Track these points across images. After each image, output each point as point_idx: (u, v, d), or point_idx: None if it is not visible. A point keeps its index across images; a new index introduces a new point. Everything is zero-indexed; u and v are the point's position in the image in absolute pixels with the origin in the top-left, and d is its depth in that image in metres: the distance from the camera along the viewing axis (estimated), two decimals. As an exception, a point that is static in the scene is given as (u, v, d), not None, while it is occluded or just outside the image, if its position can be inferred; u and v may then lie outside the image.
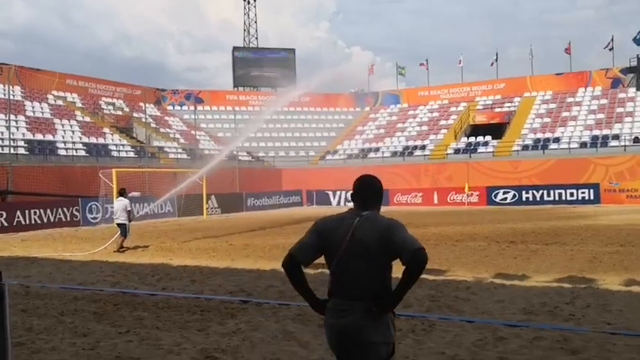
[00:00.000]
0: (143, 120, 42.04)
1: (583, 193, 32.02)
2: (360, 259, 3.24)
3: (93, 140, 35.66)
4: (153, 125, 43.33)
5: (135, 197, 26.06)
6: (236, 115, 47.27)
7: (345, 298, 3.27)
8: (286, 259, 3.40)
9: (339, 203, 38.31)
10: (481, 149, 39.68)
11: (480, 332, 6.68)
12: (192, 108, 46.21)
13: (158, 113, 47.42)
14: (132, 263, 13.49)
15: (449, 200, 34.99)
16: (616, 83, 44.25)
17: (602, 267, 11.13)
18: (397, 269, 3.36)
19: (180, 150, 40.02)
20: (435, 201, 35.24)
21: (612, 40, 45.89)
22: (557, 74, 47.13)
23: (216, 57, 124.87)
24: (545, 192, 32.84)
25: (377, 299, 3.23)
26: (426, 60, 52.86)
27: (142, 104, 44.10)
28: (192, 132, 42.97)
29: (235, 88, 55.36)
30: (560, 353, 5.81)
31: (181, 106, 50.79)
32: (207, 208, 31.02)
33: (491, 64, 50.39)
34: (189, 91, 52.43)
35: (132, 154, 35.87)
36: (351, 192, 3.54)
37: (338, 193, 38.65)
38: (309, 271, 3.61)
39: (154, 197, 25.26)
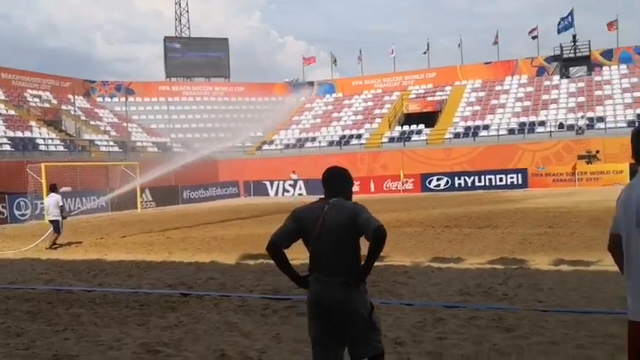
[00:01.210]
0: (72, 112, 40.69)
1: (512, 178, 33.17)
2: (331, 241, 3.72)
3: (19, 134, 34.24)
4: (82, 118, 41.98)
5: (66, 192, 25.26)
6: (169, 106, 46.43)
7: (322, 273, 3.76)
8: (269, 244, 3.86)
9: (276, 194, 38.28)
10: (415, 137, 40.45)
11: (419, 314, 6.86)
12: (123, 100, 44.98)
13: (88, 105, 45.94)
14: (65, 260, 13.10)
15: (385, 188, 35.55)
16: (541, 71, 45.93)
17: (532, 248, 11.60)
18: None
19: (111, 143, 38.98)
20: (372, 189, 35.70)
21: (537, 29, 47.61)
22: (485, 63, 48.48)
23: (146, 47, 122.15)
24: (476, 178, 33.84)
25: (351, 274, 3.72)
26: (360, 50, 53.43)
27: (70, 96, 42.69)
28: (124, 124, 41.86)
29: (168, 79, 54.24)
30: (495, 331, 6.04)
31: (112, 98, 49.40)
32: (141, 202, 30.37)
33: (424, 53, 51.41)
34: (119, 83, 51.07)
35: (61, 148, 34.68)
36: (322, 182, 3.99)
37: (276, 183, 38.61)
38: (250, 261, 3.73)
39: (88, 191, 24.59)
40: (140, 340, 6.30)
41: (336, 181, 3.98)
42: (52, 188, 16.55)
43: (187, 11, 57.49)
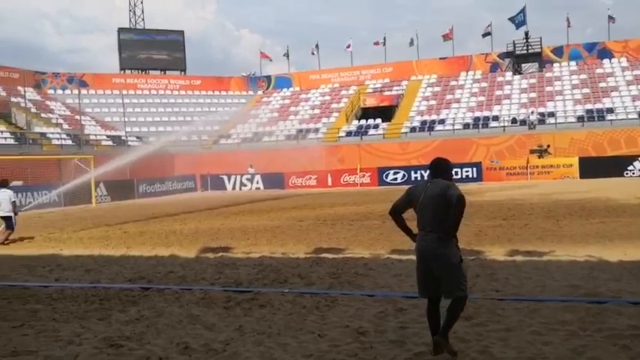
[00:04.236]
0: (22, 105, 39.55)
1: (467, 171, 33.75)
2: (429, 208, 5.15)
3: (-34, 127, 33.16)
4: (33, 110, 40.84)
5: (17, 187, 24.58)
6: (124, 99, 45.56)
7: (424, 231, 5.20)
8: (391, 210, 5.48)
9: (234, 187, 38.05)
10: (372, 131, 40.79)
11: (380, 305, 6.98)
12: (75, 92, 43.94)
13: (38, 98, 44.72)
14: (19, 255, 12.78)
15: (342, 182, 35.72)
16: (494, 67, 46.83)
17: (488, 239, 11.88)
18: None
19: (64, 136, 38.05)
20: (329, 183, 35.85)
21: (490, 25, 48.53)
22: (441, 58, 49.14)
23: (99, 38, 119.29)
24: (432, 171, 34.23)
25: (443, 231, 5.08)
26: (316, 44, 53.50)
27: (20, 88, 41.49)
28: (77, 117, 40.94)
29: (122, 72, 53.20)
30: (455, 320, 6.20)
31: (63, 90, 48.17)
32: (96, 196, 29.81)
33: (376, 43, 51.75)
34: (71, 74, 49.82)
35: (11, 141, 33.71)
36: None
37: (233, 177, 38.36)
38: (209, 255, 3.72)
39: (40, 186, 23.96)
40: (101, 335, 6.24)
41: (438, 167, 5.37)
42: (3, 184, 16.08)
43: (142, 2, 56.48)
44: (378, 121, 41.80)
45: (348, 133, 41.14)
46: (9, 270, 10.92)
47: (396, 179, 34.74)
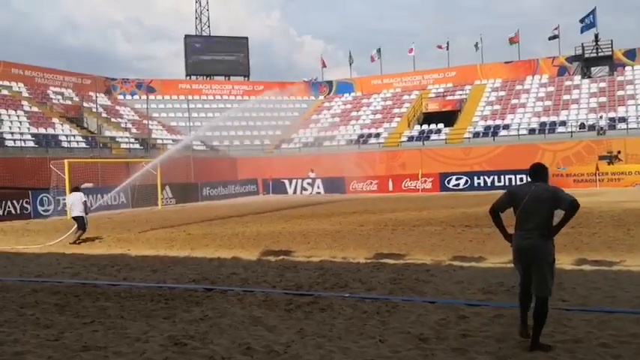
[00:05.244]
0: (94, 110, 41.13)
1: (532, 178, 32.81)
2: (534, 208, 5.48)
3: (42, 131, 34.72)
4: (104, 115, 42.43)
5: (87, 188, 25.54)
6: (189, 104, 46.72)
7: (525, 230, 5.54)
8: (491, 209, 5.85)
9: (295, 191, 38.36)
10: (434, 137, 40.34)
11: (442, 312, 6.90)
12: (143, 97, 45.35)
13: (109, 103, 46.41)
14: (89, 255, 13.29)
15: (403, 187, 35.44)
16: (562, 71, 45.52)
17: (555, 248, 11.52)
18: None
19: (132, 140, 39.34)
20: (390, 188, 35.63)
21: (558, 28, 47.16)
22: (506, 62, 48.15)
23: (166, 45, 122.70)
24: (496, 177, 33.53)
25: (546, 229, 5.46)
26: (378, 49, 53.31)
27: (92, 94, 43.15)
28: (145, 122, 42.23)
29: (188, 77, 54.58)
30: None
31: (132, 96, 49.81)
32: (162, 199, 30.65)
33: (440, 47, 51.19)
34: (140, 80, 51.45)
35: (83, 145, 35.11)
36: (528, 173, 5.83)
37: (294, 181, 38.70)
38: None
39: (109, 188, 24.73)
40: (167, 333, 6.41)
41: (540, 171, 5.73)
42: (75, 189, 16.94)
43: (207, 9, 57.79)
44: (441, 126, 41.32)
45: (410, 138, 40.82)
46: (80, 268, 11.37)
47: (458, 185, 34.19)
